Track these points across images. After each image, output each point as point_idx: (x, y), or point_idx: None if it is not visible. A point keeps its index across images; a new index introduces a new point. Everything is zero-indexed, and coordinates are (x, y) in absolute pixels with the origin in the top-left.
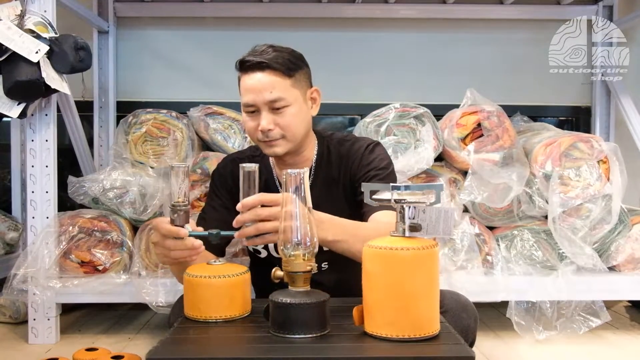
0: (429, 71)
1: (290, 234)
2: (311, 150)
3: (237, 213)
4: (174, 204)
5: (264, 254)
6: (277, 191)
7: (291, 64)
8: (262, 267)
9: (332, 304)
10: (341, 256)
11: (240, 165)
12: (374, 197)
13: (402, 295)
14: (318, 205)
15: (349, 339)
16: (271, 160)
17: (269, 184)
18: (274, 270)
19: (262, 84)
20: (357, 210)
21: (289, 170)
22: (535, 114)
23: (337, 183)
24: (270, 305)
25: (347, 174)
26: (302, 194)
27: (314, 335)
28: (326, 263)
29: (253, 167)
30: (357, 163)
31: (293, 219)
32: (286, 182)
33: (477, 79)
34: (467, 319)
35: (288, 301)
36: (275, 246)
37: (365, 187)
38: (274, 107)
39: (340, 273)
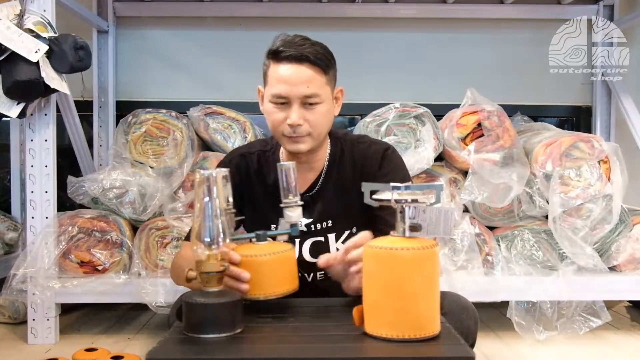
0: (429, 71)
1: (202, 234)
2: (325, 150)
3: (238, 206)
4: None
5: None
6: None
7: (327, 61)
8: None
9: (332, 303)
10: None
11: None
12: (374, 197)
13: (402, 296)
14: (329, 212)
15: (349, 339)
16: (282, 156)
17: (278, 183)
18: (187, 270)
19: (299, 78)
20: (371, 222)
21: (202, 171)
22: (535, 114)
23: (349, 189)
24: (183, 306)
25: (361, 180)
26: (215, 195)
27: (227, 334)
28: (322, 273)
29: (290, 165)
30: (375, 170)
31: (205, 219)
32: (198, 183)
33: (477, 79)
34: (468, 320)
35: (202, 301)
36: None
37: (366, 187)
38: (307, 103)
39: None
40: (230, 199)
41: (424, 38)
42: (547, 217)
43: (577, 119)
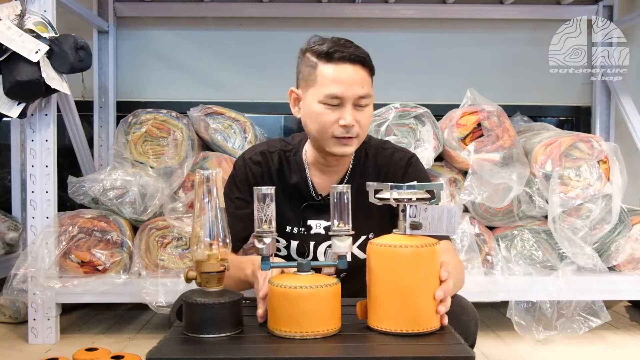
0: (429, 71)
1: (202, 235)
2: (351, 154)
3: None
4: (258, 232)
5: (283, 252)
6: (309, 192)
7: (372, 64)
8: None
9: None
10: (357, 265)
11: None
12: (377, 196)
13: (401, 291)
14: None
15: (348, 339)
16: (305, 158)
17: (299, 186)
18: (186, 270)
19: (355, 78)
20: (389, 227)
21: (202, 171)
22: (535, 114)
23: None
24: (183, 305)
25: None
26: (215, 195)
27: (227, 334)
28: (344, 273)
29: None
30: (399, 178)
31: (205, 220)
32: (198, 183)
33: (477, 79)
34: (468, 321)
35: (202, 301)
36: (298, 246)
37: (370, 187)
38: (359, 104)
39: (356, 281)
40: (274, 221)
41: (424, 38)
42: (546, 217)
43: (577, 119)
